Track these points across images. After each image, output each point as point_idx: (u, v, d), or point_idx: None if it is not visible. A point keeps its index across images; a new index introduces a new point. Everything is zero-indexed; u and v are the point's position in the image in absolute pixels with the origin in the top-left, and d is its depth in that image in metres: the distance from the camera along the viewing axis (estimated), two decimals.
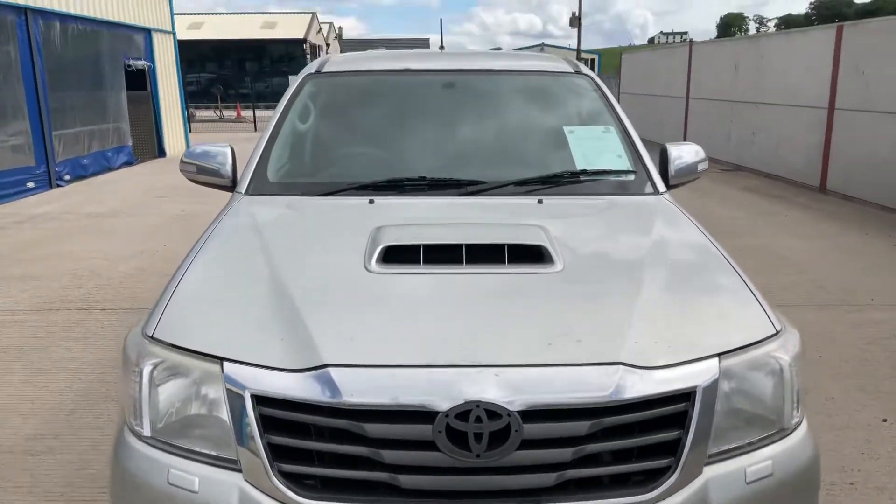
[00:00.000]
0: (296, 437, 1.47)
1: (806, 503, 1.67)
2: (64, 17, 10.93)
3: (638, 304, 1.70)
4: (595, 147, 2.72)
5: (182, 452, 1.54)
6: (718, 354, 1.58)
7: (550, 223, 2.11)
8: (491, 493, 1.45)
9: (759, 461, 1.57)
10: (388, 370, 1.47)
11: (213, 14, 44.70)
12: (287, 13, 45.65)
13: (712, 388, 1.54)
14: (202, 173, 2.72)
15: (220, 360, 1.53)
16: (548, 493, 1.46)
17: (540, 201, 2.36)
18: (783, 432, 1.63)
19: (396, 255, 1.87)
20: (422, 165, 2.60)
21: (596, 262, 1.98)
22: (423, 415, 1.42)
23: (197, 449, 1.54)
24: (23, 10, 9.77)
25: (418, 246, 1.88)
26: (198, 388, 1.55)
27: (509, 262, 1.85)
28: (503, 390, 1.43)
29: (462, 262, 1.85)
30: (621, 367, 1.49)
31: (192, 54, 42.07)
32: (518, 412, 1.42)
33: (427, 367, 1.47)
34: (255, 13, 45.38)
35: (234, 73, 42.97)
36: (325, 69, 3.04)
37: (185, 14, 43.54)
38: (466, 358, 1.49)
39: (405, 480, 1.44)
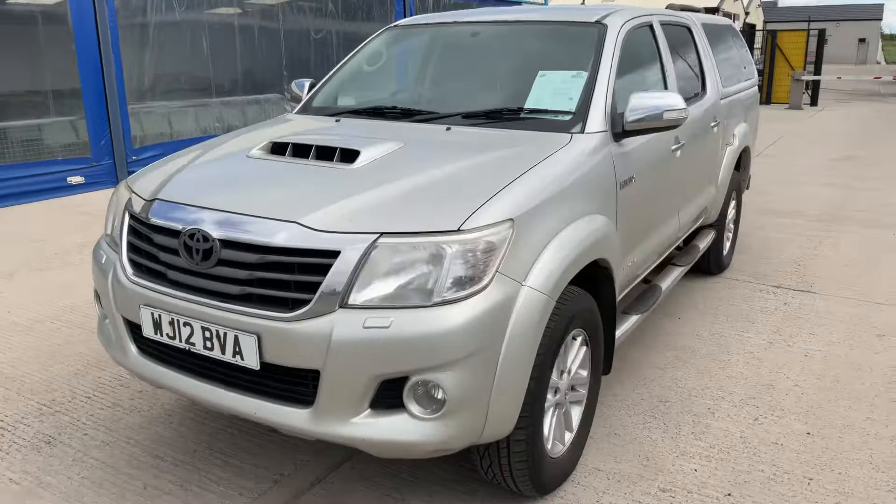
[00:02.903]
0: (134, 237, 2.43)
1: (416, 364, 2.00)
2: None
3: (369, 192, 2.21)
4: (555, 90, 2.97)
5: (110, 243, 2.62)
6: (382, 233, 2.04)
7: (416, 142, 2.62)
8: (206, 291, 2.20)
9: (379, 310, 1.99)
10: (176, 205, 2.33)
11: None
12: None
13: (362, 255, 2.01)
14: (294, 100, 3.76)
15: (131, 191, 2.57)
16: (235, 298, 2.15)
17: (448, 128, 2.83)
18: (428, 305, 2.00)
19: (277, 148, 2.65)
20: (410, 98, 3.23)
21: (392, 166, 2.43)
22: (174, 232, 2.25)
23: (108, 242, 2.61)
24: None
25: (286, 144, 2.63)
26: (121, 212, 2.59)
27: (333, 159, 2.48)
28: (215, 226, 2.17)
29: (307, 157, 2.54)
30: (296, 225, 2.08)
31: None
32: (219, 239, 2.15)
33: (194, 206, 2.28)
34: None
35: None
36: (402, 23, 3.78)
37: None
38: (218, 204, 2.25)
39: (170, 273, 2.28)
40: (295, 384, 2.11)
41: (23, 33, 7.85)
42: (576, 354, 2.64)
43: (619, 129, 2.87)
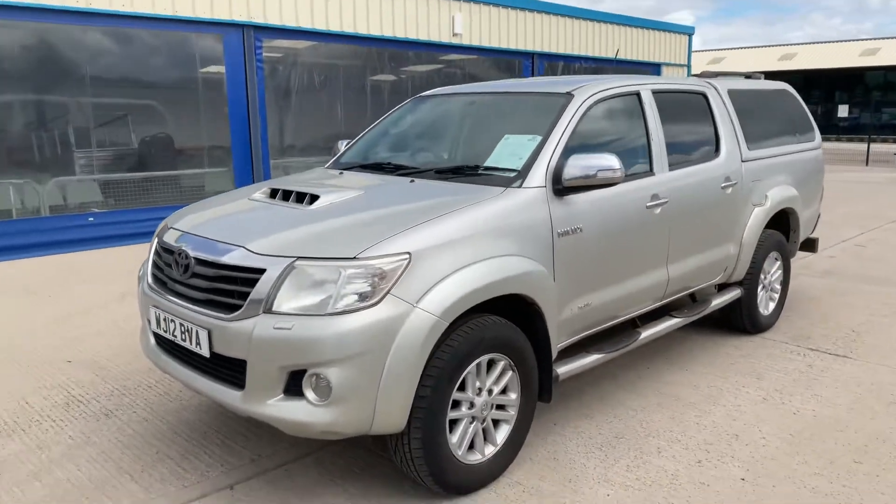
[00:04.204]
0: (155, 256, 3.24)
1: (310, 359, 2.54)
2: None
3: (309, 226, 2.84)
4: (512, 151, 3.45)
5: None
6: (298, 257, 2.65)
7: (376, 190, 3.25)
8: (185, 296, 2.93)
9: (289, 316, 2.58)
10: (178, 231, 3.10)
11: (809, 43, 43.20)
12: (890, 38, 40.79)
13: (281, 273, 2.64)
14: None
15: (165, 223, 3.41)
16: (200, 302, 2.85)
17: (412, 181, 3.41)
18: (323, 314, 2.57)
19: (272, 192, 3.37)
20: (403, 156, 3.87)
21: (341, 208, 3.03)
22: (170, 251, 3.03)
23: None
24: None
25: (278, 189, 3.34)
26: (154, 237, 3.43)
27: (304, 202, 3.15)
28: (193, 247, 2.92)
29: (287, 200, 3.24)
30: (242, 249, 2.77)
31: None
32: (193, 257, 2.88)
33: (187, 233, 3.04)
34: (848, 40, 41.92)
35: (821, 103, 41.09)
36: (425, 94, 4.44)
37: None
38: (200, 231, 2.99)
39: (168, 283, 3.05)
40: (233, 371, 2.76)
41: (187, 97, 9.49)
42: (498, 377, 3.04)
43: (561, 186, 3.28)
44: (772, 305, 5.21)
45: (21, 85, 7.96)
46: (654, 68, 16.11)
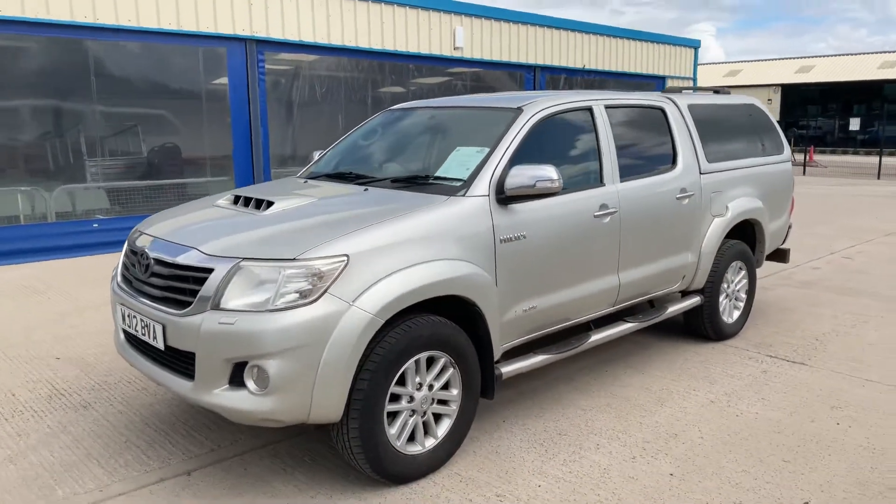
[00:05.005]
0: (125, 257, 3.49)
1: (249, 352, 2.77)
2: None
3: (258, 230, 3.08)
4: (461, 162, 3.67)
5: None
6: (244, 258, 2.89)
7: (330, 197, 3.50)
8: (145, 294, 3.18)
9: (233, 312, 2.81)
10: (143, 234, 3.36)
11: (828, 56, 43.01)
12: None
13: (228, 272, 2.88)
14: None
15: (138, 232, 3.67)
16: (157, 299, 3.10)
17: (366, 189, 3.64)
18: (264, 311, 2.80)
19: (235, 199, 3.62)
20: (363, 166, 4.12)
21: (292, 214, 3.26)
22: (135, 252, 3.28)
23: None
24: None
25: (239, 196, 3.59)
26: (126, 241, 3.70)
27: (259, 208, 3.40)
28: (152, 248, 3.18)
29: (247, 206, 3.49)
30: (194, 250, 3.01)
31: (796, 98, 41.80)
32: (153, 258, 3.13)
33: (149, 235, 3.30)
34: (868, 53, 41.65)
35: (837, 116, 40.91)
36: (394, 107, 4.68)
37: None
38: (159, 234, 3.25)
39: (134, 281, 3.30)
40: (184, 363, 2.99)
41: (190, 107, 9.83)
42: (438, 374, 3.25)
43: (504, 196, 3.49)
44: (736, 314, 5.36)
45: (32, 94, 8.34)
46: (659, 81, 16.26)
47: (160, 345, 3.05)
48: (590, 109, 4.18)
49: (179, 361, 3.03)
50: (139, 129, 9.50)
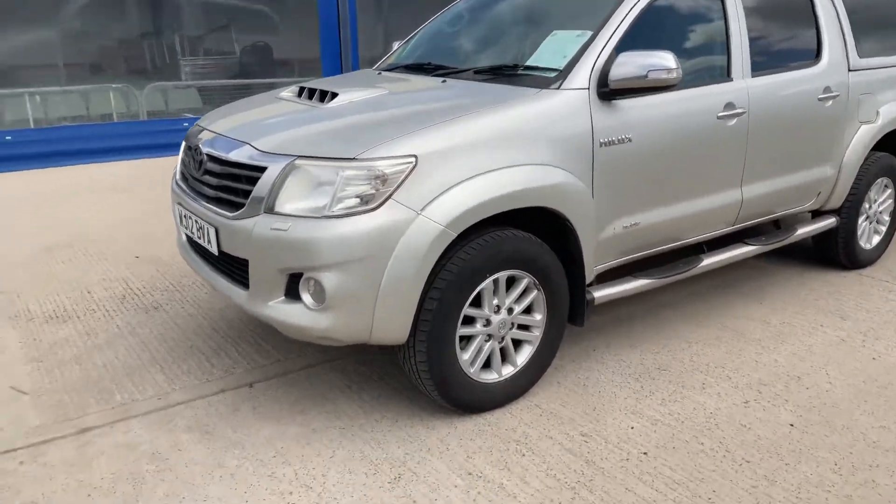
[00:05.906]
0: (184, 154, 3.20)
1: (305, 262, 2.44)
2: None
3: (318, 124, 2.69)
4: (557, 48, 3.10)
5: None
6: (299, 156, 2.51)
7: (402, 90, 3.04)
8: (200, 194, 2.89)
9: (287, 217, 2.47)
10: (201, 129, 3.03)
11: None
12: None
13: (282, 171, 2.52)
14: None
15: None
16: (211, 199, 2.80)
17: (444, 81, 3.15)
18: (319, 217, 2.44)
19: (300, 91, 3.23)
20: (443, 55, 3.64)
21: (357, 107, 2.85)
22: (190, 148, 2.97)
23: None
24: None
25: (304, 88, 3.19)
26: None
27: (323, 100, 2.99)
28: (206, 144, 2.85)
29: (311, 98, 3.09)
30: (248, 146, 2.66)
31: None
32: (206, 154, 2.81)
33: (207, 130, 2.97)
34: None
35: None
36: None
37: None
38: (216, 128, 2.91)
39: (190, 179, 3.01)
40: (239, 269, 2.71)
41: (282, 6, 9.46)
42: (520, 296, 2.84)
43: (607, 89, 2.92)
44: (876, 239, 4.61)
45: None
46: None
47: (214, 249, 2.77)
48: None
49: (234, 268, 2.75)
50: (232, 28, 9.26)
